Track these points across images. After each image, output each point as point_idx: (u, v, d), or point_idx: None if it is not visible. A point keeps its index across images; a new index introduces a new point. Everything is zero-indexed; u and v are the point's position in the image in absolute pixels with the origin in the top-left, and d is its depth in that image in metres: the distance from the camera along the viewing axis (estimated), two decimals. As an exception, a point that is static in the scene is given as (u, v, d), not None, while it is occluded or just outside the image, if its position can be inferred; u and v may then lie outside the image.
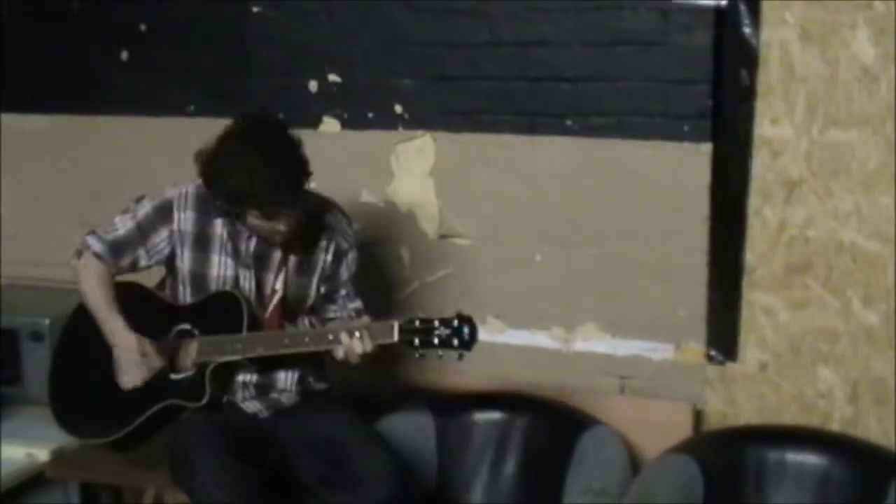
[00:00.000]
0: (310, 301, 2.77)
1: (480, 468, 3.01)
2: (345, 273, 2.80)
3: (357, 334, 2.49)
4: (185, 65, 3.42)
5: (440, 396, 3.13)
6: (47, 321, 3.22)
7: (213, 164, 2.52)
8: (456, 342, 2.44)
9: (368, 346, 2.49)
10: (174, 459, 2.62)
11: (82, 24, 3.52)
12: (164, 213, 2.69)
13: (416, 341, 2.45)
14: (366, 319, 2.57)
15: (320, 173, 2.91)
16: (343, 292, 2.80)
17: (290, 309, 2.73)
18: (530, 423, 3.02)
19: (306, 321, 2.78)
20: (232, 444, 2.55)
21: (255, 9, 3.28)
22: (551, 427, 3.00)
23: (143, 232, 2.70)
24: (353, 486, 2.52)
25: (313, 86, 3.26)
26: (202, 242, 2.69)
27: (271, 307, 2.70)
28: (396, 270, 3.28)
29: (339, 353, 2.52)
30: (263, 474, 2.54)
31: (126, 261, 2.72)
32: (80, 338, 2.81)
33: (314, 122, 3.26)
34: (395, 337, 2.47)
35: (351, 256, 2.80)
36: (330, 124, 3.26)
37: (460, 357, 2.48)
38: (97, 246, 2.70)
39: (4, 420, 3.16)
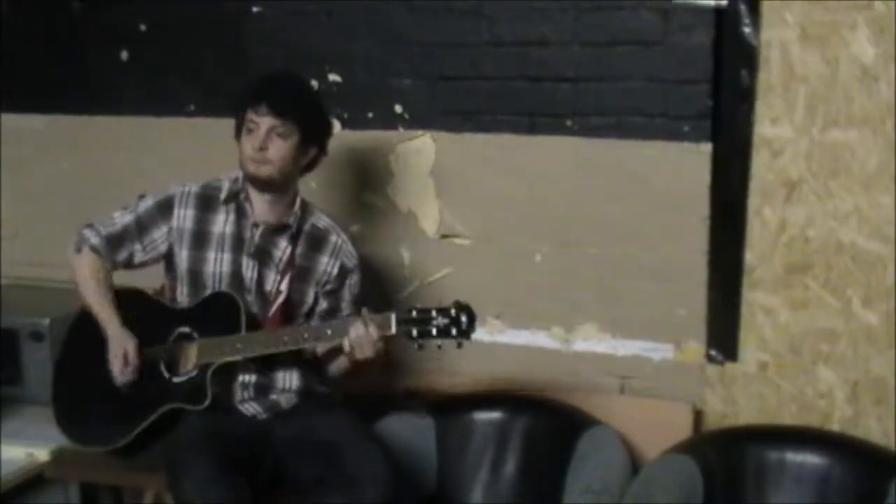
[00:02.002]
0: (306, 307, 2.76)
1: (480, 468, 3.01)
2: (347, 294, 2.81)
3: (359, 322, 2.49)
4: (185, 65, 3.41)
5: (440, 397, 3.13)
6: (47, 321, 3.22)
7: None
8: (454, 331, 2.44)
9: (375, 333, 2.48)
10: (167, 466, 2.60)
11: (82, 24, 3.52)
12: (164, 208, 2.73)
13: (415, 332, 2.45)
14: (363, 310, 2.55)
15: (320, 173, 2.93)
16: (345, 312, 2.79)
17: (291, 313, 2.73)
18: (530, 423, 3.02)
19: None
20: (226, 450, 2.53)
21: (255, 9, 3.28)
22: (551, 427, 2.99)
23: (140, 226, 2.73)
24: (348, 488, 2.50)
25: (313, 86, 3.25)
26: (199, 240, 2.70)
27: (275, 307, 2.70)
28: (396, 270, 3.28)
29: (346, 346, 2.51)
30: (253, 485, 2.51)
31: (122, 255, 2.75)
32: (82, 343, 2.81)
33: (314, 122, 3.25)
34: (393, 328, 2.47)
35: (355, 278, 2.81)
36: (330, 124, 3.25)
37: (459, 346, 2.48)
38: (94, 239, 2.74)
39: (4, 420, 3.15)
